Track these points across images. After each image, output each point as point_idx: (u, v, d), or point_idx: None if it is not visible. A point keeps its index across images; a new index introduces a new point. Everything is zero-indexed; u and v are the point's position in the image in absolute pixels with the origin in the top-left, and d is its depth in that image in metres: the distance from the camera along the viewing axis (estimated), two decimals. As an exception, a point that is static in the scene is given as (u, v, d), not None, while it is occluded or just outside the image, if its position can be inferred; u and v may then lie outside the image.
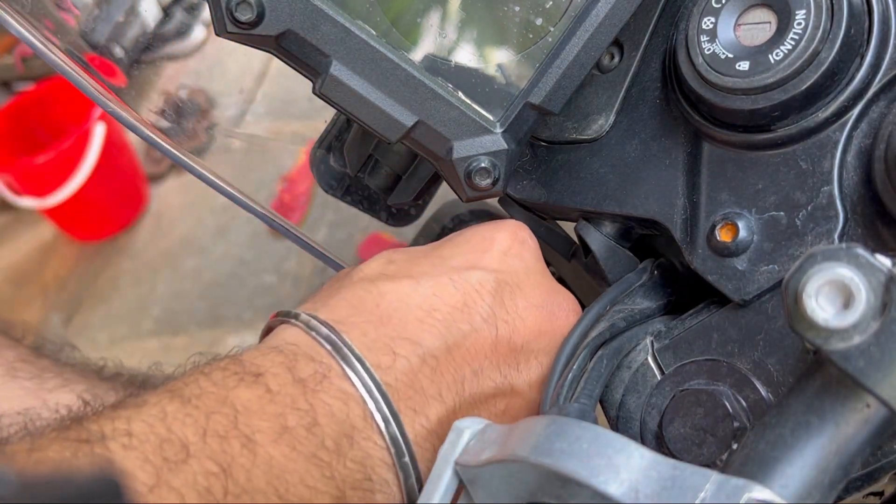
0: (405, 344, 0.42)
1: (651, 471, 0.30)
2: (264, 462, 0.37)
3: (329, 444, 0.39)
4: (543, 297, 0.46)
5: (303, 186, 2.01)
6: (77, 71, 0.54)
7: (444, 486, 0.37)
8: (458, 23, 0.45)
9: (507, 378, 0.44)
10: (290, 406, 0.39)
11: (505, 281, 0.45)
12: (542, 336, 0.45)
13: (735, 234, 0.42)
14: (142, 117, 0.57)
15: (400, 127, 0.44)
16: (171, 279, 2.06)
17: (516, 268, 0.46)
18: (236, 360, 0.40)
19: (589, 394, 0.42)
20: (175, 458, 0.34)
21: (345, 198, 0.61)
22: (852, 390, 0.30)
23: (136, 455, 0.34)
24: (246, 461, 0.36)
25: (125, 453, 0.34)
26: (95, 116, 1.99)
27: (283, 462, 0.37)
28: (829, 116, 0.40)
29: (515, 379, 0.45)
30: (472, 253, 0.46)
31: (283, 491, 0.37)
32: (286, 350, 0.41)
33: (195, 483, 0.34)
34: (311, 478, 0.38)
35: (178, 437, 0.35)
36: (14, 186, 2.03)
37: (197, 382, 0.39)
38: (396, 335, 0.43)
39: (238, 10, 0.42)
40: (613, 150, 0.47)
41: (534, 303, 0.46)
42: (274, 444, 0.38)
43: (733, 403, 0.40)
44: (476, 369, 0.44)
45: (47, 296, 2.13)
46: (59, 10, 0.67)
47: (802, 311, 0.30)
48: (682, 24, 0.43)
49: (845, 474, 0.30)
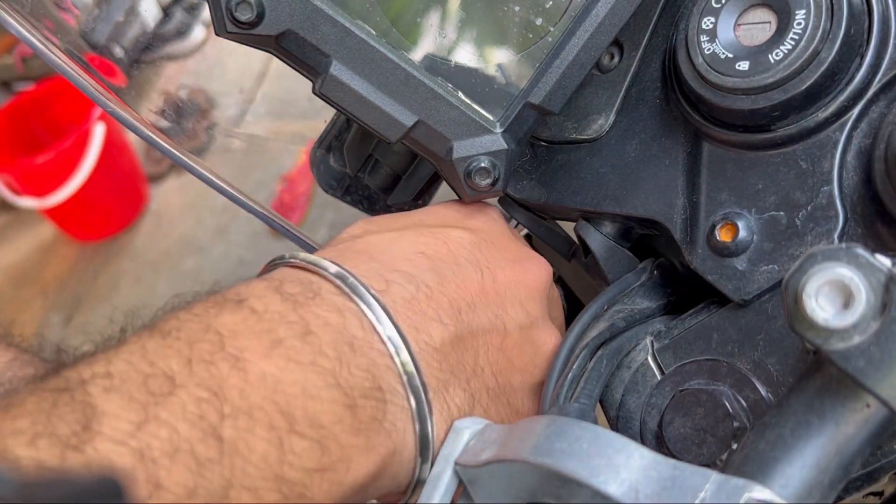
0: (397, 275, 0.42)
1: (651, 471, 0.30)
2: (257, 378, 0.35)
3: (328, 352, 0.38)
4: (516, 252, 0.48)
5: (303, 186, 2.01)
6: (77, 71, 0.54)
7: (444, 486, 0.37)
8: (458, 23, 0.45)
9: (498, 317, 0.45)
10: (280, 321, 0.38)
11: (481, 238, 0.47)
12: (519, 286, 0.47)
13: (735, 234, 0.42)
14: (142, 117, 0.57)
15: (400, 127, 0.44)
16: (171, 279, 2.07)
17: (490, 227, 0.49)
18: (217, 293, 0.39)
19: (589, 394, 0.42)
20: (161, 392, 0.33)
21: (345, 198, 0.61)
22: (852, 390, 0.30)
23: (119, 396, 0.32)
24: (237, 381, 0.35)
25: (107, 396, 0.32)
26: (95, 116, 1.99)
27: (278, 374, 0.36)
28: (829, 116, 0.40)
29: (506, 320, 0.45)
30: (449, 216, 0.49)
31: (283, 404, 0.36)
32: (272, 278, 0.40)
33: (185, 412, 0.33)
34: (313, 387, 0.37)
35: (161, 370, 0.34)
36: (14, 186, 2.03)
37: (177, 317, 0.37)
38: (387, 269, 0.42)
39: (238, 10, 0.42)
40: (613, 150, 0.47)
41: (508, 257, 0.48)
42: (265, 359, 0.36)
43: (733, 403, 0.40)
44: (470, 303, 0.44)
45: (47, 296, 2.13)
46: (59, 9, 0.67)
47: (802, 311, 0.30)
48: (682, 24, 0.43)
49: (845, 474, 0.30)
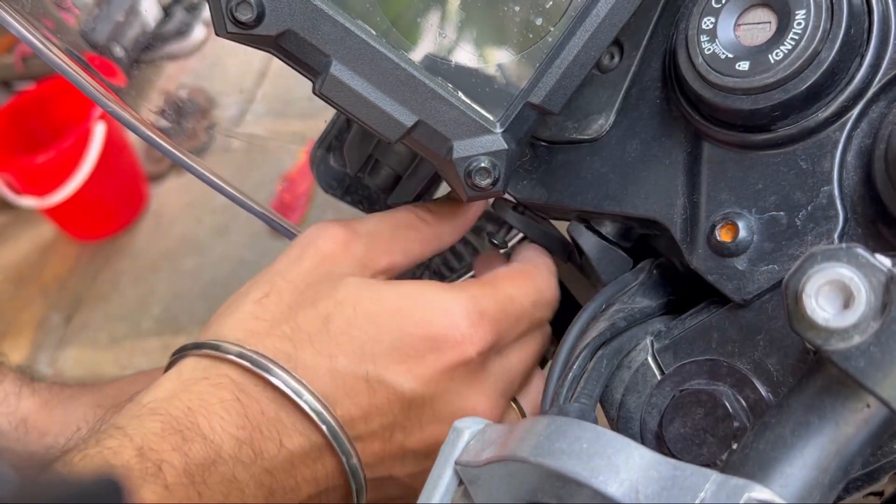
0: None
1: (651, 471, 0.30)
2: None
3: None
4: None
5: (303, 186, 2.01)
6: (77, 71, 0.54)
7: (444, 486, 0.37)
8: (458, 23, 0.45)
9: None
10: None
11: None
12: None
13: (735, 234, 0.42)
14: (142, 117, 0.57)
15: (400, 127, 0.44)
16: (171, 279, 2.07)
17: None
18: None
19: (589, 394, 0.42)
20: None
21: (345, 198, 0.61)
22: (852, 390, 0.30)
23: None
24: None
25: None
26: (95, 116, 1.99)
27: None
28: (829, 116, 0.40)
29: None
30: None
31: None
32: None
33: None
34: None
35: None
36: (14, 186, 2.03)
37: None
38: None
39: (238, 10, 0.42)
40: (613, 149, 0.47)
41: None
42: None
43: (733, 403, 0.40)
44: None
45: (47, 295, 2.13)
46: (59, 9, 0.67)
47: (802, 311, 0.30)
48: (682, 24, 0.43)
49: (845, 474, 0.30)
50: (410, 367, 0.46)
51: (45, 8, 0.58)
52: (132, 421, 0.42)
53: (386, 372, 0.46)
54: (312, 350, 0.45)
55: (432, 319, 0.46)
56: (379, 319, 0.46)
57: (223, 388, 0.44)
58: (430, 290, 0.48)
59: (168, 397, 0.43)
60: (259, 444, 0.43)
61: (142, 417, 0.42)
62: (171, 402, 0.43)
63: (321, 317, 0.46)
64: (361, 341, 0.46)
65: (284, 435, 0.44)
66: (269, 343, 0.45)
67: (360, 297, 0.47)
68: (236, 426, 0.43)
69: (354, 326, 0.46)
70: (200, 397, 0.43)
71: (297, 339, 0.45)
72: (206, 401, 0.43)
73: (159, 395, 0.44)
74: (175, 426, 0.42)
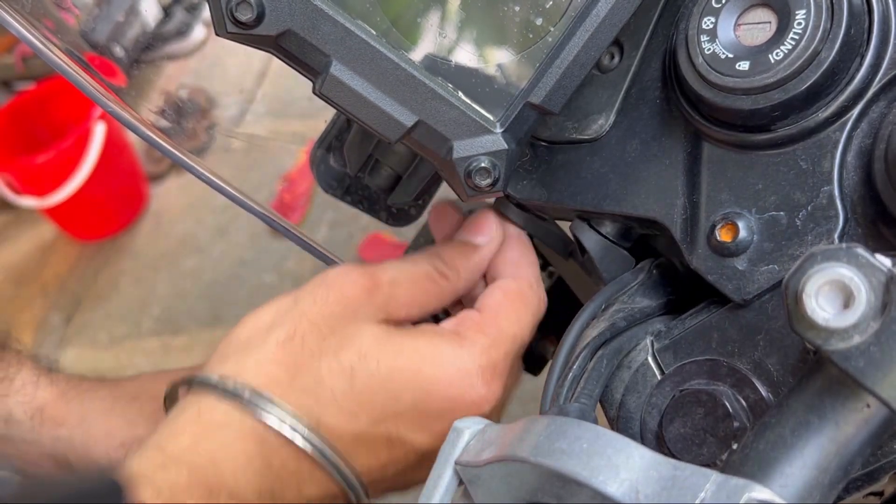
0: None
1: (651, 471, 0.30)
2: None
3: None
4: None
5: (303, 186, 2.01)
6: (77, 71, 0.54)
7: (444, 485, 0.37)
8: (458, 23, 0.45)
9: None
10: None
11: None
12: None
13: (735, 234, 0.42)
14: (142, 117, 0.57)
15: (400, 127, 0.44)
16: (171, 279, 2.07)
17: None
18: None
19: (589, 394, 0.42)
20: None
21: (345, 198, 0.61)
22: (852, 390, 0.30)
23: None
24: None
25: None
26: (95, 116, 1.99)
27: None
28: (829, 116, 0.40)
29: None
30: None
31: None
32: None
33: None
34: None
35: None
36: (14, 186, 2.03)
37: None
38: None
39: (238, 10, 0.42)
40: (613, 149, 0.47)
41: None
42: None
43: (733, 403, 0.40)
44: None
45: (47, 295, 2.13)
46: (59, 9, 0.67)
47: (802, 311, 0.30)
48: (682, 24, 0.43)
49: (845, 474, 0.30)
50: (429, 425, 0.48)
51: (45, 8, 0.58)
52: (157, 472, 0.43)
53: (406, 431, 0.48)
54: (336, 408, 0.47)
55: (451, 381, 0.48)
56: (400, 377, 0.48)
57: (247, 439, 0.45)
58: (446, 347, 0.49)
59: (191, 445, 0.44)
60: (279, 491, 0.45)
61: (167, 468, 0.43)
62: (194, 450, 0.44)
63: (345, 371, 0.47)
64: (383, 400, 0.48)
65: (303, 484, 0.46)
66: (293, 398, 0.46)
67: (383, 352, 0.48)
68: (260, 477, 0.44)
69: (376, 383, 0.48)
70: (224, 448, 0.44)
71: (320, 394, 0.47)
72: (230, 452, 0.44)
73: (182, 442, 0.45)
74: (201, 479, 0.43)
